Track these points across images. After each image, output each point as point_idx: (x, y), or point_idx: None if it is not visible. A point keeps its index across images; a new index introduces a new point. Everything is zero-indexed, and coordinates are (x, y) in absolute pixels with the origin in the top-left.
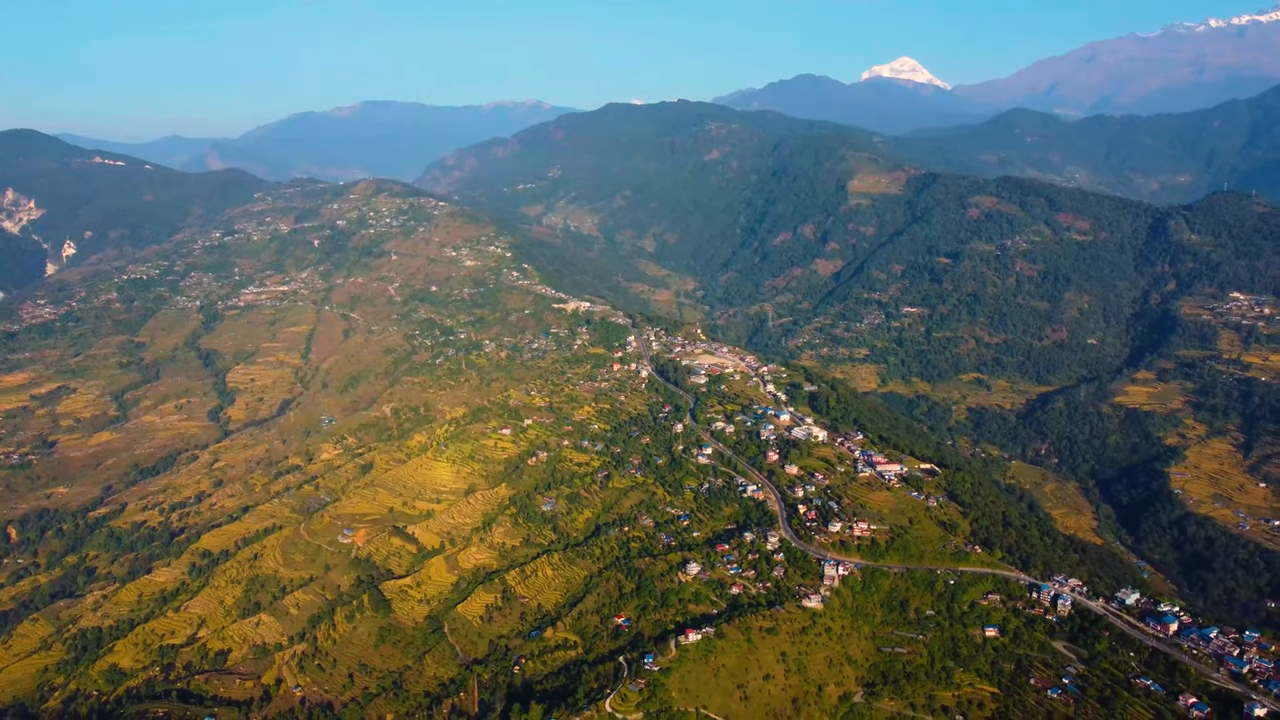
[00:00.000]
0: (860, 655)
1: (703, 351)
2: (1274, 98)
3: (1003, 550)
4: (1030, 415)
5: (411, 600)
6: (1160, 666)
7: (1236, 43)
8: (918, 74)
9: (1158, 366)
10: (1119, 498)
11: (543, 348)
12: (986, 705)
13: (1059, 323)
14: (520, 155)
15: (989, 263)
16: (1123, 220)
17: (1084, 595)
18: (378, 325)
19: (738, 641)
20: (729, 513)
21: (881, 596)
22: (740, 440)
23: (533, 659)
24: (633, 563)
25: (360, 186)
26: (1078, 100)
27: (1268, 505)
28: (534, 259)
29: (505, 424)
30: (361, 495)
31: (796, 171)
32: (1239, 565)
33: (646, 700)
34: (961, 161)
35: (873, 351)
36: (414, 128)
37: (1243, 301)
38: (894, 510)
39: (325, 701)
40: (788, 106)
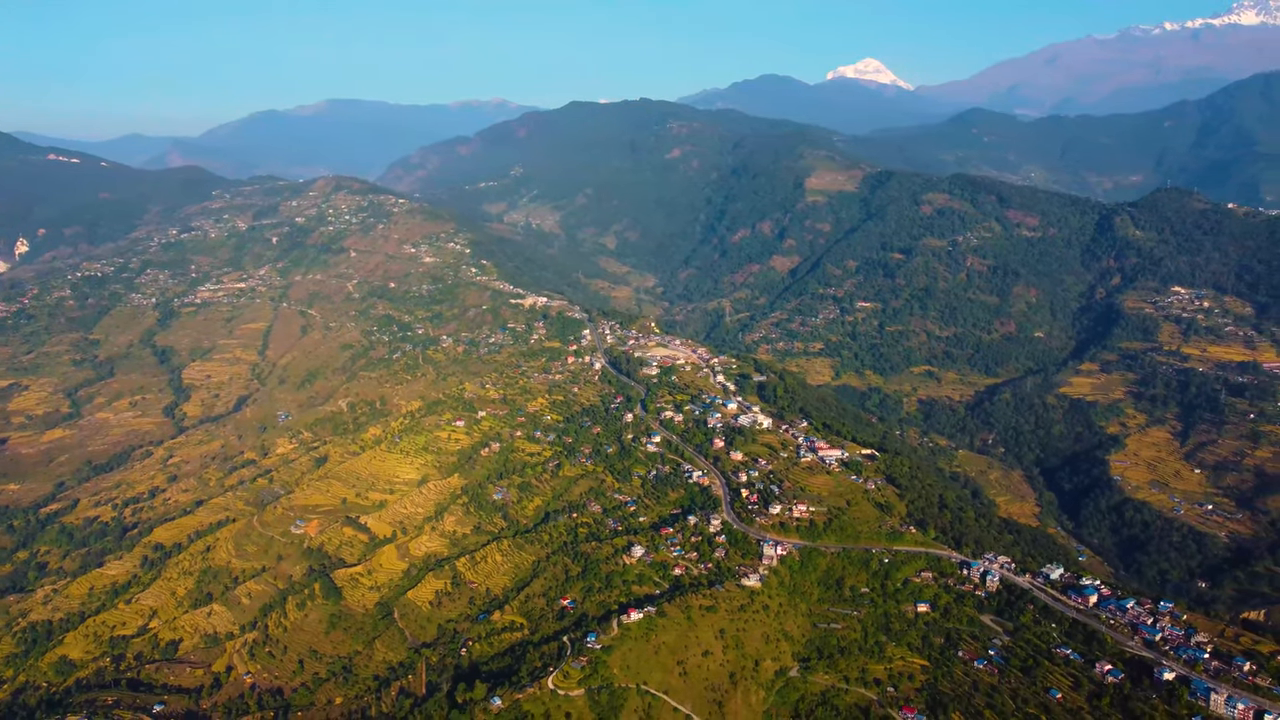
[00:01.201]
0: (797, 631)
1: (656, 344)
2: (1222, 99)
3: (937, 530)
4: (978, 406)
5: (362, 588)
6: (1080, 636)
7: (1191, 45)
8: (881, 75)
9: (1101, 358)
10: (1062, 485)
11: (499, 342)
12: (916, 677)
13: (1007, 316)
14: (483, 153)
15: (940, 258)
16: (1071, 216)
17: (1012, 571)
18: (335, 322)
19: (678, 620)
20: (675, 498)
21: (818, 575)
22: (688, 428)
23: (480, 641)
24: (580, 547)
25: (319, 184)
26: (1038, 101)
27: (1202, 490)
28: (493, 256)
29: (459, 416)
30: (315, 487)
31: (756, 169)
32: (1173, 548)
33: (588, 677)
34: (920, 160)
35: (827, 345)
36: (379, 127)
37: (1183, 295)
38: (833, 493)
39: (276, 687)
40: (752, 106)
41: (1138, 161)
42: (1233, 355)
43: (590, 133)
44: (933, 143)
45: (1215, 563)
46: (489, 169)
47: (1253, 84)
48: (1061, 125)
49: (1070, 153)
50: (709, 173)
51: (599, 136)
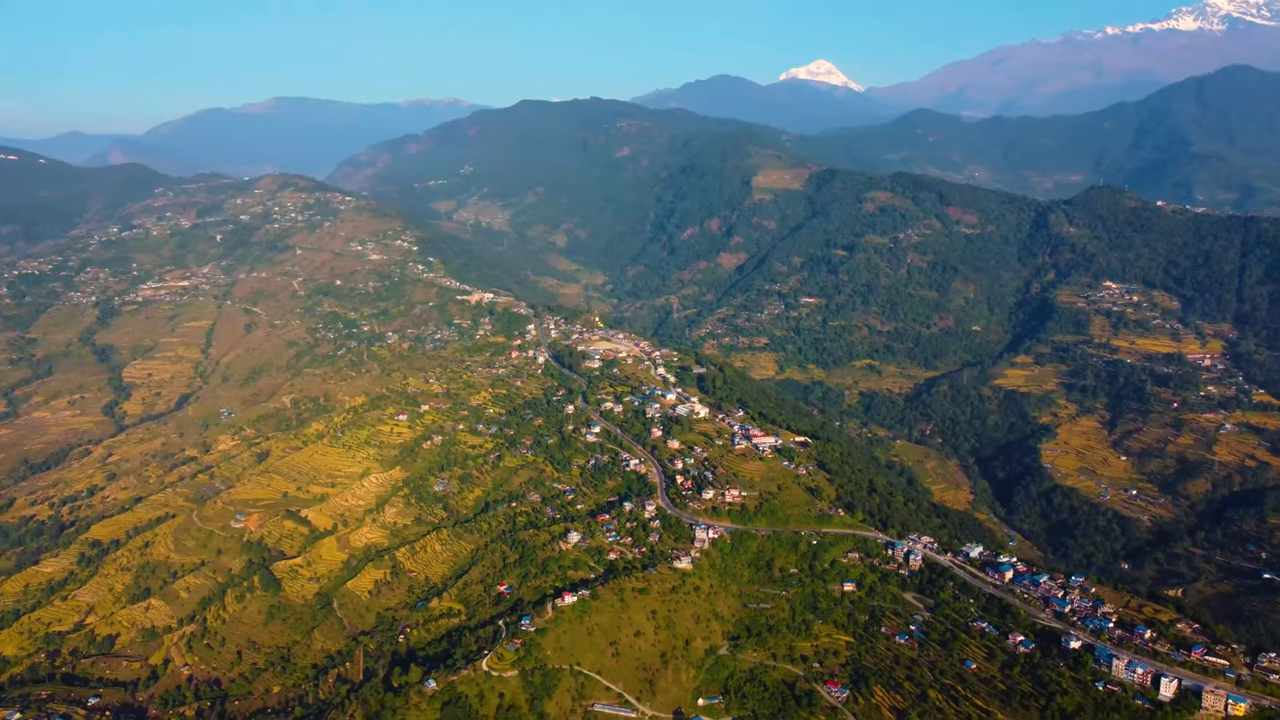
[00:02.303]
0: (727, 611)
1: (599, 338)
2: (1158, 100)
3: (864, 513)
4: (917, 398)
5: (302, 579)
6: (995, 610)
7: (1132, 49)
8: (833, 76)
9: (1035, 351)
10: (995, 473)
11: (445, 338)
12: (841, 653)
13: (946, 311)
14: (433, 152)
15: (882, 254)
16: (1008, 214)
17: (934, 551)
18: (280, 319)
19: (611, 602)
20: (612, 486)
21: (749, 557)
22: (628, 419)
23: (417, 628)
24: (518, 535)
25: (265, 181)
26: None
27: (1127, 476)
28: (441, 253)
29: (402, 411)
30: (256, 482)
31: (704, 168)
32: (1098, 531)
33: (522, 659)
34: (867, 160)
35: (772, 340)
36: (329, 125)
37: (1114, 290)
38: (765, 478)
39: (213, 678)
40: (704, 106)
41: (1078, 161)
42: (1159, 347)
43: (541, 131)
44: (879, 143)
45: (1138, 545)
46: (439, 167)
47: (1187, 87)
48: (1004, 126)
49: (1013, 153)
50: (659, 171)
51: (550, 135)
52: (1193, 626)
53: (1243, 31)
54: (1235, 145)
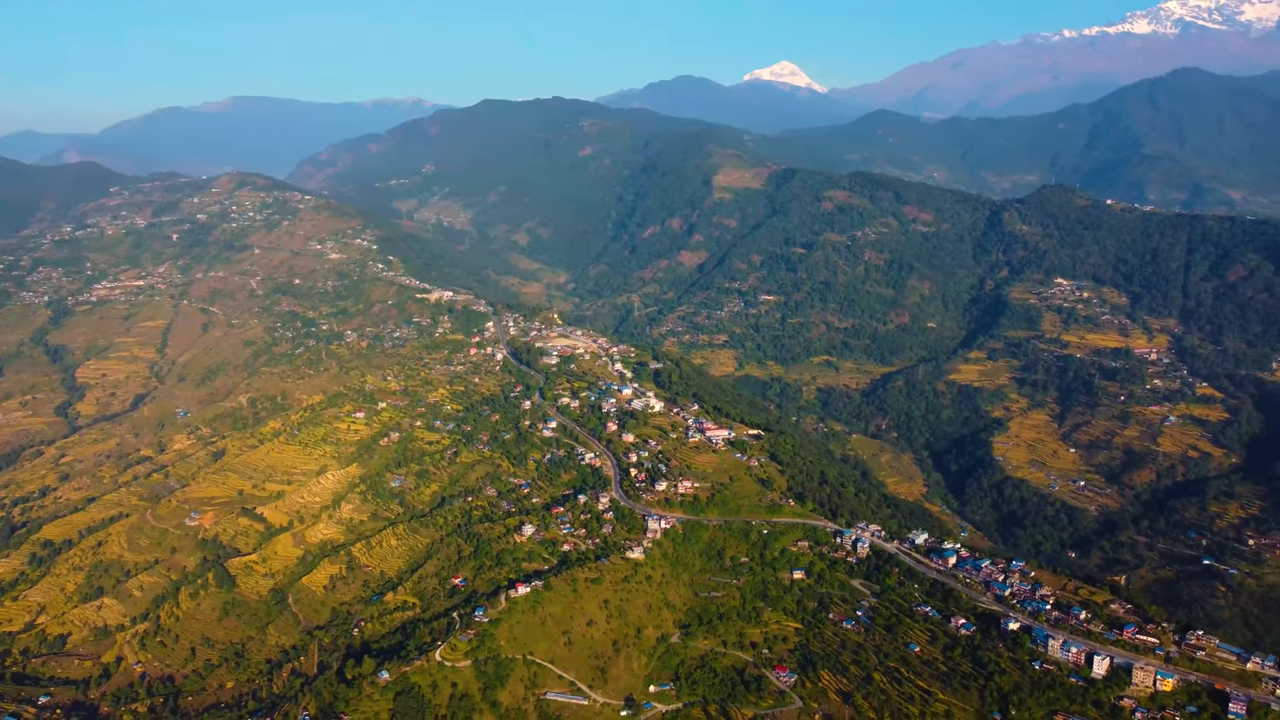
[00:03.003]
0: (678, 600)
1: (558, 335)
2: (1112, 102)
3: (815, 503)
4: (873, 393)
5: (256, 575)
6: (939, 594)
7: (1088, 52)
8: (796, 77)
9: (988, 347)
10: (949, 466)
11: (404, 336)
12: (790, 639)
13: (902, 308)
14: (394, 151)
15: (840, 252)
16: (963, 212)
17: (882, 539)
18: (238, 319)
19: (564, 592)
20: (567, 479)
21: (701, 547)
22: (584, 414)
23: (372, 621)
24: (473, 529)
25: (222, 180)
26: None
27: (1076, 468)
28: (401, 252)
29: (360, 408)
30: (212, 480)
31: (666, 167)
32: (1047, 521)
33: (475, 649)
34: (828, 159)
35: (731, 337)
36: (289, 124)
37: (1065, 286)
38: (718, 470)
39: (167, 675)
40: (667, 106)
41: (1034, 162)
42: (1108, 342)
43: (503, 131)
44: (840, 143)
45: (1085, 534)
46: (400, 167)
47: (1139, 89)
48: (963, 127)
49: (971, 153)
50: (620, 170)
51: (512, 134)
52: (1126, 607)
53: (1195, 35)
54: (1186, 146)
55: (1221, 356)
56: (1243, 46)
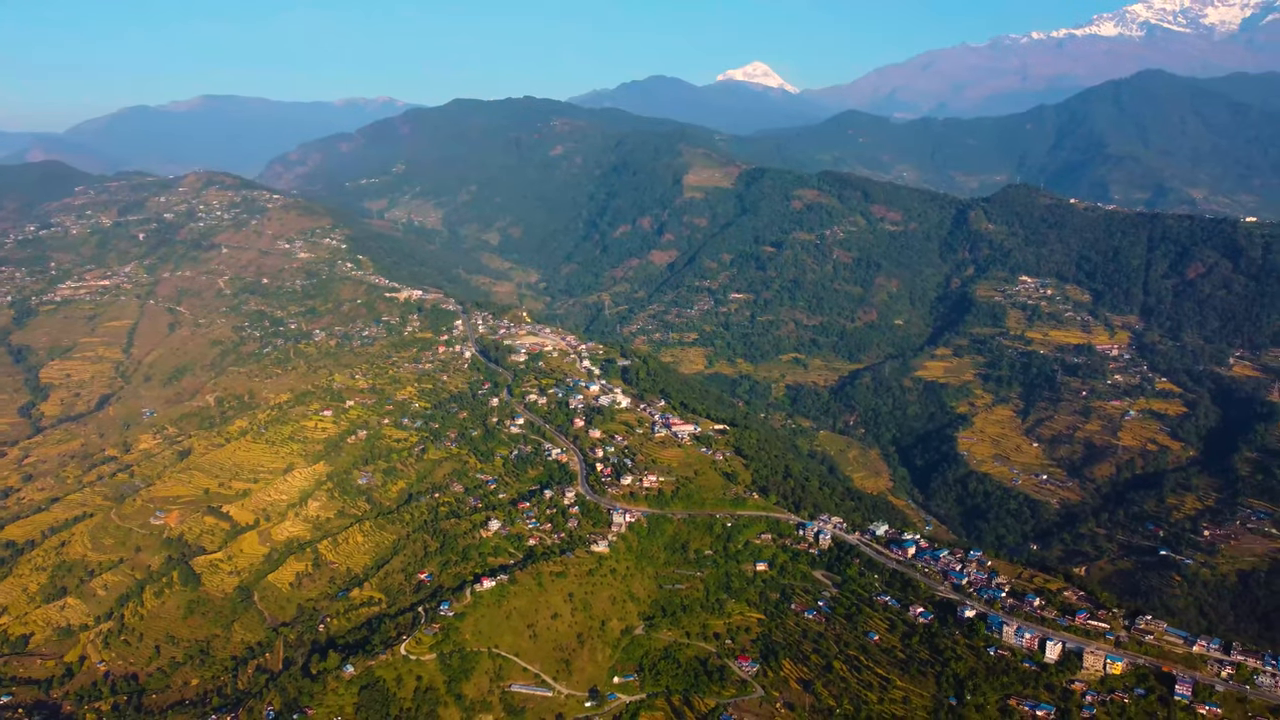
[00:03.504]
0: (643, 592)
1: (526, 333)
2: (1077, 103)
3: (779, 496)
4: (841, 390)
5: (222, 573)
6: (898, 584)
7: (1056, 54)
8: (769, 78)
9: (954, 343)
10: (915, 461)
11: (373, 335)
12: (753, 629)
13: (870, 306)
14: (365, 150)
15: (809, 251)
16: (930, 211)
17: (843, 531)
18: (205, 318)
19: (529, 586)
20: (534, 475)
21: (665, 540)
22: (551, 410)
23: (338, 617)
24: (440, 525)
25: (189, 179)
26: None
27: (1038, 462)
28: (371, 251)
29: (327, 406)
30: (177, 479)
31: (637, 166)
32: (1009, 514)
33: (440, 643)
34: (798, 159)
35: (701, 335)
36: (259, 123)
37: (1029, 284)
38: (683, 464)
39: (131, 673)
40: (639, 107)
41: (1001, 162)
42: (1070, 338)
43: (474, 130)
44: (811, 143)
45: (1047, 526)
46: (371, 166)
47: (1104, 90)
48: (931, 127)
49: (939, 153)
50: (592, 170)
51: (483, 133)
52: (1078, 594)
53: (1160, 38)
54: (1149, 146)
55: (1180, 352)
56: (1206, 49)
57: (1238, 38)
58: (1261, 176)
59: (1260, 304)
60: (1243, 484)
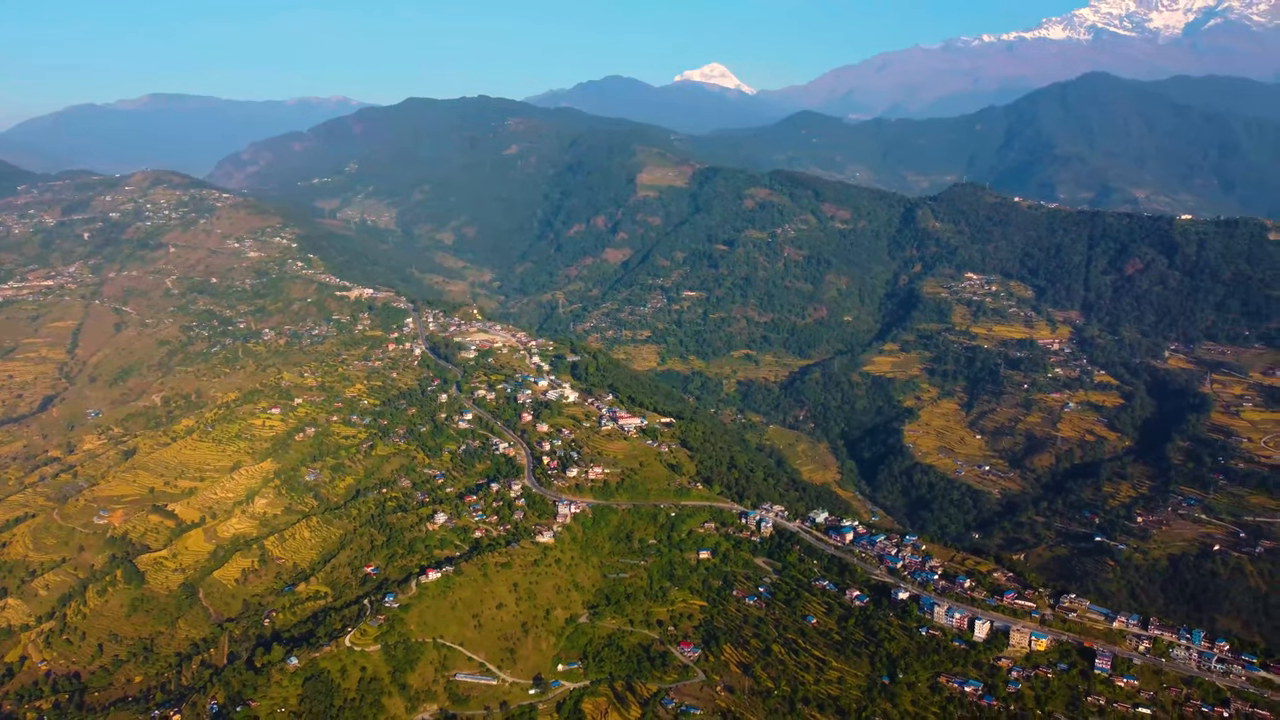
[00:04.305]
0: (587, 582)
1: (477, 330)
2: (1025, 105)
3: (722, 486)
4: (791, 385)
5: (166, 570)
6: (836, 569)
7: (1007, 56)
8: (726, 79)
9: (902, 339)
10: (862, 454)
11: (323, 333)
12: (695, 616)
13: (820, 302)
14: (317, 150)
15: (761, 249)
16: (879, 210)
17: (784, 519)
18: (152, 318)
19: (474, 577)
20: (482, 469)
21: (610, 530)
22: (500, 405)
23: (284, 611)
24: (386, 519)
25: (136, 178)
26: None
27: (981, 453)
28: (322, 250)
29: (275, 404)
30: (122, 478)
31: (591, 166)
32: (953, 505)
33: (385, 634)
34: (753, 159)
35: (654, 333)
36: (209, 122)
37: (975, 280)
38: (628, 456)
39: (73, 672)
40: (597, 107)
41: (952, 162)
42: (1014, 333)
43: (428, 129)
44: (765, 143)
45: (988, 516)
46: (323, 165)
47: (1051, 92)
48: (884, 128)
49: (892, 154)
50: (546, 169)
51: (437, 133)
52: (1007, 575)
53: (1107, 42)
54: (1095, 147)
55: (1118, 346)
56: (1151, 53)
57: (1181, 42)
58: (1202, 176)
59: (1194, 299)
60: (1175, 472)
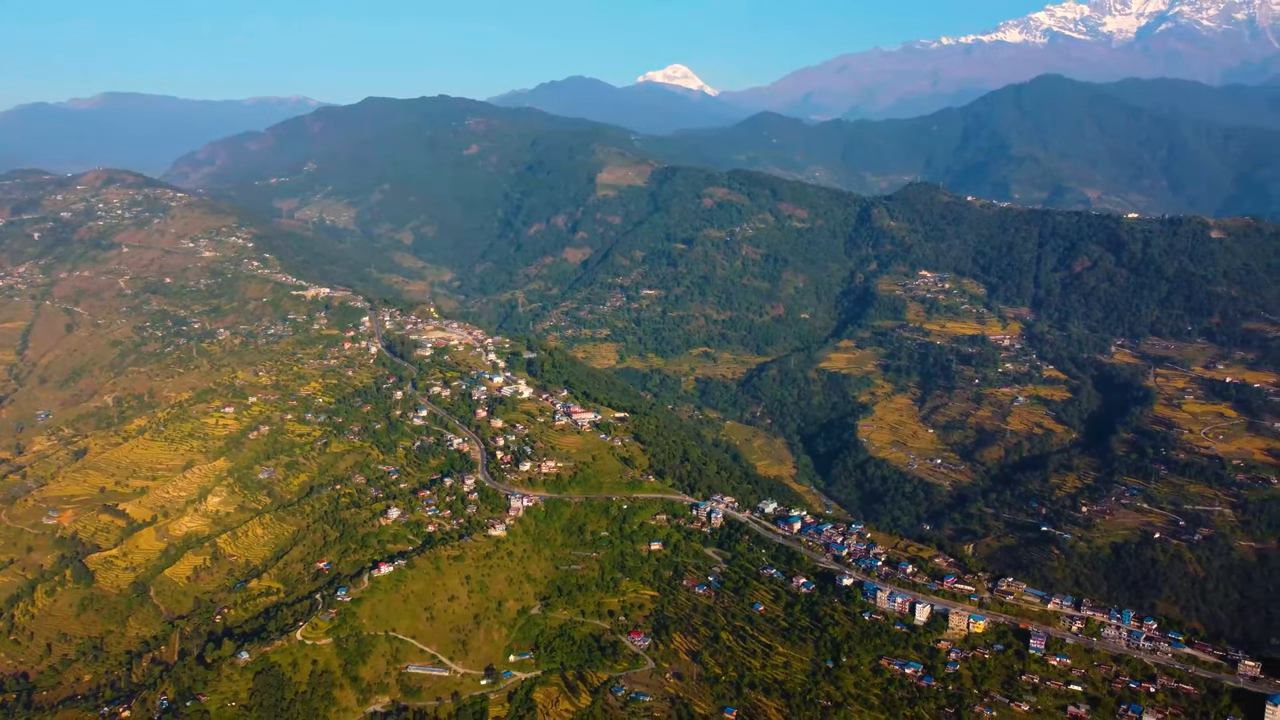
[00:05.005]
0: (539, 574)
1: (434, 328)
2: (981, 106)
3: (674, 479)
4: (749, 382)
5: (117, 569)
6: (783, 557)
7: (965, 59)
8: (689, 80)
9: (857, 336)
10: (818, 449)
11: (279, 333)
12: (646, 606)
13: (778, 300)
14: (275, 149)
15: (719, 247)
16: (836, 209)
17: (734, 509)
18: (104, 319)
19: (427, 570)
20: (436, 464)
21: (562, 523)
22: (455, 402)
23: (235, 608)
24: (340, 515)
25: (88, 177)
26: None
27: (933, 447)
28: (278, 250)
29: (229, 403)
30: (72, 479)
31: (552, 165)
32: (905, 497)
33: (337, 627)
34: (713, 159)
35: (614, 331)
36: (165, 122)
37: (929, 278)
38: (581, 450)
39: (20, 672)
40: (559, 107)
41: (909, 163)
42: (966, 329)
43: (388, 128)
44: (726, 144)
45: (939, 508)
46: (282, 165)
47: (1005, 94)
48: (843, 129)
49: (850, 154)
50: (507, 169)
51: (397, 132)
52: (948, 560)
53: (1062, 45)
54: (1048, 148)
55: (1067, 341)
56: (1105, 56)
57: (1133, 45)
58: (1151, 177)
59: (1140, 295)
60: (1119, 463)
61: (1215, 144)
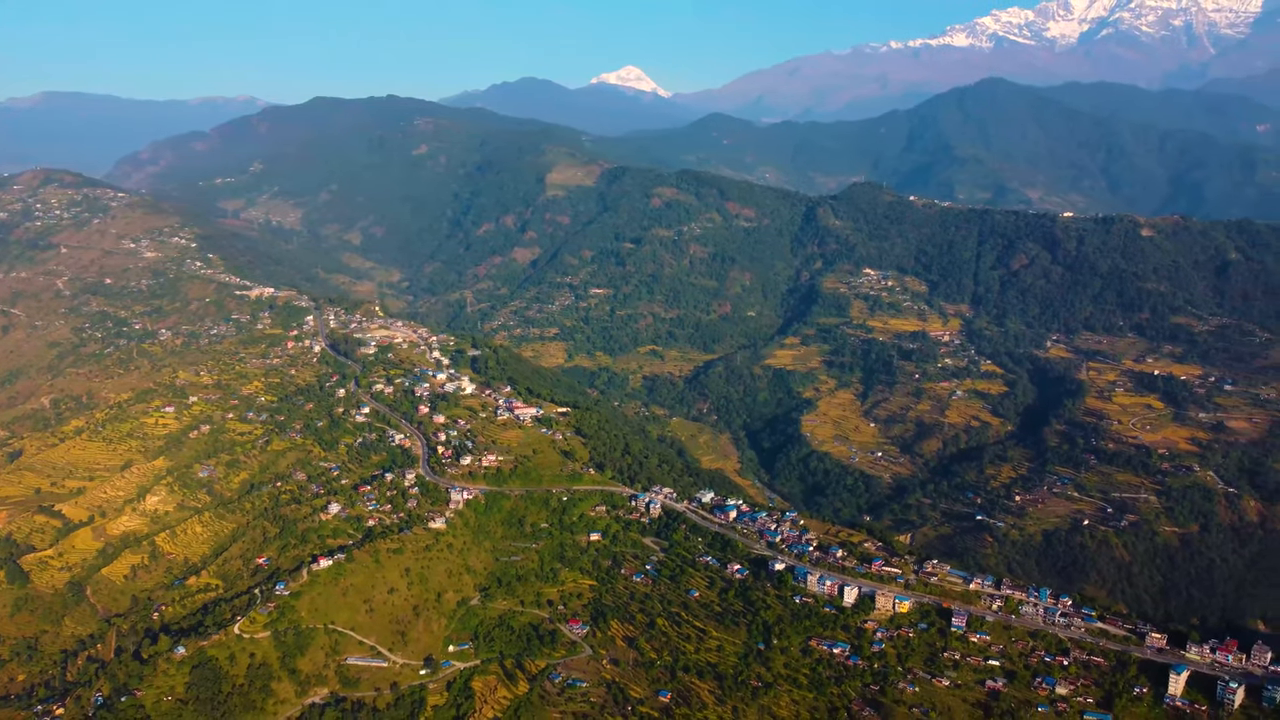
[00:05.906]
0: (479, 565)
1: (378, 327)
2: (926, 109)
3: (615, 471)
4: (695, 380)
5: (52, 569)
6: (719, 545)
7: (913, 62)
8: (642, 82)
9: (802, 333)
10: (763, 444)
11: (222, 333)
12: (585, 595)
13: (725, 299)
14: (221, 149)
15: (667, 247)
16: (782, 208)
17: (672, 500)
18: (42, 320)
19: (366, 564)
20: (377, 460)
21: (502, 515)
22: (398, 398)
23: (173, 604)
24: (280, 511)
25: (25, 177)
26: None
27: (875, 441)
28: (222, 250)
29: (170, 403)
30: (6, 480)
31: (501, 165)
32: (846, 490)
33: (275, 621)
34: (664, 160)
35: (562, 330)
36: (108, 122)
37: (872, 276)
38: (523, 444)
39: None
40: (511, 108)
41: (858, 164)
42: (908, 326)
43: (335, 128)
44: (676, 145)
45: (879, 499)
46: (227, 165)
47: (950, 97)
48: (793, 130)
49: (800, 155)
50: (456, 169)
51: (345, 132)
52: (876, 545)
53: (1007, 49)
54: (992, 149)
55: (1004, 336)
56: (1049, 60)
57: (1076, 50)
58: (1090, 178)
59: (1074, 291)
60: (1051, 453)
61: (1152, 146)
